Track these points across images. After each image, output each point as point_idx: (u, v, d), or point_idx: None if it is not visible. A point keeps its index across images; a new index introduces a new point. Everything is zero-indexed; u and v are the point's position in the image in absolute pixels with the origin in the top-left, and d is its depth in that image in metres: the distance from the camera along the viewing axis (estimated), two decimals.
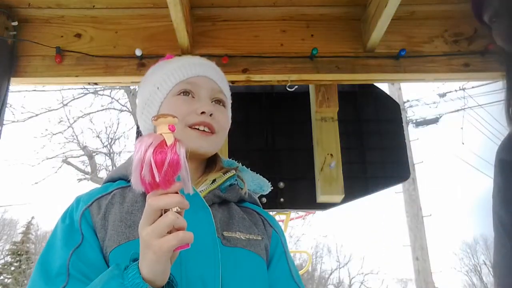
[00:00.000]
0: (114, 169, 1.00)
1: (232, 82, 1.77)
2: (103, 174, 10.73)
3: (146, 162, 0.59)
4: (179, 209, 0.63)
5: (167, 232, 0.62)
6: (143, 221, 0.64)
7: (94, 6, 1.79)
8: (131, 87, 9.50)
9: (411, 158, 9.83)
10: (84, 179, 10.90)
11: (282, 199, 2.08)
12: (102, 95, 10.12)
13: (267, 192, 1.09)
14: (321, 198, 1.94)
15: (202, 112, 0.91)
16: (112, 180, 0.95)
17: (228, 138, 1.08)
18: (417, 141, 11.60)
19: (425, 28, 1.84)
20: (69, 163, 10.86)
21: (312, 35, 1.83)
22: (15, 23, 1.76)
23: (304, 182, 2.07)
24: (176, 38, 1.69)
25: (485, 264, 28.44)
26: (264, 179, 1.08)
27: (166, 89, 0.96)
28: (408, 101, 10.97)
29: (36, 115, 9.64)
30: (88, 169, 11.12)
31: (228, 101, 1.04)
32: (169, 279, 0.68)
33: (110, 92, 10.08)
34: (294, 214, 6.88)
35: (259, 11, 1.82)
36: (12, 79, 1.71)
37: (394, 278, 31.04)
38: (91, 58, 1.75)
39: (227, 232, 0.85)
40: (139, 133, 1.75)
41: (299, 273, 0.94)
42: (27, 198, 30.53)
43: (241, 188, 0.97)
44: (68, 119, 10.38)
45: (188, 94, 0.95)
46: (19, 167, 28.85)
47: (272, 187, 1.10)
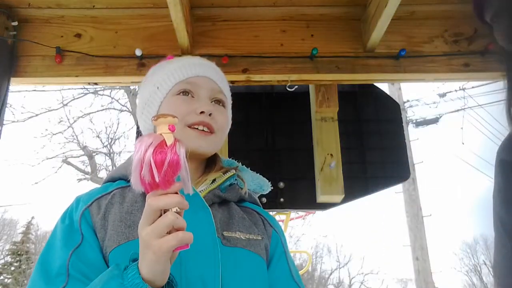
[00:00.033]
0: (114, 169, 1.00)
1: (232, 82, 1.77)
2: (103, 174, 10.73)
3: (145, 162, 0.59)
4: (178, 209, 0.63)
5: (167, 232, 0.62)
6: (143, 221, 0.64)
7: (94, 6, 1.79)
8: (131, 87, 9.52)
9: (411, 158, 9.83)
10: (84, 179, 10.90)
11: (282, 199, 2.08)
12: (102, 95, 10.13)
13: (267, 192, 1.09)
14: (321, 198, 1.95)
15: (202, 112, 0.91)
16: (112, 180, 0.95)
17: (228, 138, 1.08)
18: (417, 141, 11.61)
19: (425, 28, 1.84)
20: (69, 163, 10.87)
21: (312, 35, 1.83)
22: (15, 23, 1.76)
23: (304, 182, 2.07)
24: (176, 38, 1.69)
25: (485, 264, 28.44)
26: (264, 178, 1.08)
27: (166, 89, 0.96)
28: (408, 101, 10.97)
29: (36, 115, 9.65)
30: (88, 169, 11.13)
31: (228, 101, 1.04)
32: (169, 279, 0.68)
33: (110, 92, 10.10)
34: (294, 214, 6.88)
35: (259, 11, 1.82)
36: (12, 79, 1.71)
37: (394, 278, 31.07)
38: (91, 58, 1.75)
39: (227, 232, 0.85)
40: (139, 133, 1.75)
41: (299, 273, 0.94)
42: (27, 198, 30.59)
43: (241, 187, 0.97)
44: (68, 119, 10.40)
45: (188, 94, 0.95)
46: (19, 167, 28.90)
47: (272, 187, 1.10)
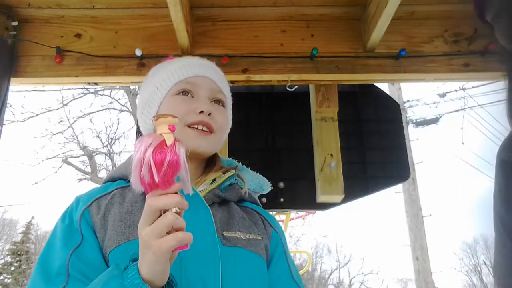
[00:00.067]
0: (114, 169, 1.00)
1: (232, 82, 1.77)
2: (103, 174, 10.73)
3: (145, 162, 0.59)
4: (178, 209, 0.63)
5: (167, 233, 0.62)
6: (142, 221, 0.64)
7: (94, 6, 1.79)
8: (131, 87, 9.52)
9: (411, 158, 9.83)
10: (84, 179, 10.90)
11: (282, 199, 2.08)
12: (102, 95, 10.13)
13: (267, 192, 1.09)
14: (321, 198, 1.95)
15: (201, 112, 0.91)
16: (111, 180, 0.95)
17: (228, 138, 1.08)
18: (417, 141, 11.61)
19: (425, 28, 1.84)
20: (69, 163, 10.86)
21: (312, 35, 1.83)
22: (15, 23, 1.76)
23: (304, 182, 2.07)
24: (176, 38, 1.69)
25: (485, 264, 28.43)
26: (264, 178, 1.08)
27: (166, 88, 0.96)
28: (408, 101, 10.97)
29: (36, 115, 9.64)
30: (88, 169, 11.13)
31: (228, 101, 1.04)
32: (168, 279, 0.68)
33: (110, 92, 10.09)
34: (294, 214, 6.88)
35: (259, 11, 1.82)
36: (12, 79, 1.71)
37: (394, 278, 31.07)
38: (91, 58, 1.75)
39: (227, 232, 0.85)
40: (139, 133, 1.74)
41: (299, 273, 0.94)
42: (27, 198, 30.59)
43: (241, 187, 0.97)
44: (68, 119, 10.40)
45: (187, 93, 0.95)
46: (19, 167, 28.89)
47: (272, 187, 1.10)
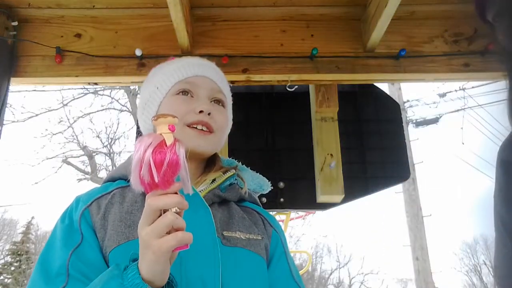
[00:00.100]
0: (114, 169, 1.00)
1: (232, 82, 1.77)
2: (103, 174, 10.73)
3: (145, 162, 0.59)
4: (178, 209, 0.63)
5: (167, 233, 0.62)
6: (142, 221, 0.64)
7: (94, 6, 1.78)
8: (131, 87, 9.52)
9: (411, 158, 9.83)
10: (84, 179, 10.90)
11: (282, 199, 2.08)
12: (102, 95, 10.13)
13: (267, 192, 1.09)
14: (321, 198, 1.94)
15: (200, 111, 0.91)
16: (111, 179, 0.95)
17: (228, 138, 1.08)
18: (417, 141, 11.62)
19: (425, 28, 1.83)
20: (69, 163, 10.86)
21: (312, 35, 1.83)
22: (15, 23, 1.76)
23: (304, 182, 2.07)
24: (176, 38, 1.68)
25: (485, 264, 28.43)
26: (264, 178, 1.08)
27: (166, 88, 0.96)
28: (408, 101, 10.97)
29: (36, 115, 9.65)
30: (88, 169, 11.13)
31: (228, 101, 1.04)
32: (169, 279, 0.68)
33: (110, 92, 10.10)
34: (294, 214, 6.88)
35: (259, 11, 1.82)
36: (12, 79, 1.71)
37: (394, 278, 31.07)
38: (91, 58, 1.75)
39: (227, 232, 0.85)
40: (139, 133, 1.74)
41: (299, 273, 0.94)
42: (27, 198, 30.55)
43: (241, 187, 0.97)
44: (68, 119, 10.40)
45: (187, 93, 0.95)
46: (19, 167, 28.88)
47: (272, 187, 1.10)
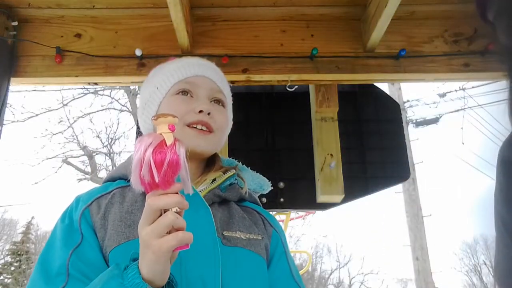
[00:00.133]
0: (114, 168, 1.00)
1: (232, 82, 1.77)
2: (103, 174, 10.73)
3: (145, 162, 0.59)
4: (178, 209, 0.63)
5: (167, 232, 0.62)
6: (143, 221, 0.64)
7: (94, 6, 1.78)
8: (131, 87, 9.52)
9: (411, 158, 9.83)
10: (84, 179, 10.90)
11: (282, 199, 2.08)
12: (102, 95, 10.13)
13: (267, 192, 1.09)
14: (321, 198, 1.94)
15: (200, 111, 0.91)
16: (111, 179, 0.95)
17: (228, 138, 1.08)
18: (417, 141, 11.62)
19: (425, 28, 1.83)
20: (69, 163, 10.86)
21: (312, 35, 1.83)
22: (15, 23, 1.76)
23: (304, 182, 2.07)
24: (176, 38, 1.68)
25: (485, 264, 28.43)
26: (264, 178, 1.08)
27: (165, 88, 0.96)
28: (408, 101, 10.97)
29: (36, 115, 9.65)
30: (88, 169, 11.13)
31: (228, 101, 1.04)
32: (169, 279, 0.68)
33: (110, 92, 10.10)
34: (294, 214, 6.88)
35: (259, 11, 1.82)
36: (12, 79, 1.71)
37: (394, 278, 31.07)
38: (91, 58, 1.75)
39: (227, 232, 0.85)
40: (139, 133, 1.74)
41: (299, 273, 0.94)
42: (27, 198, 30.56)
43: (241, 187, 0.97)
44: (68, 119, 10.40)
45: (187, 93, 0.95)
46: (19, 167, 28.89)
47: (272, 187, 1.10)
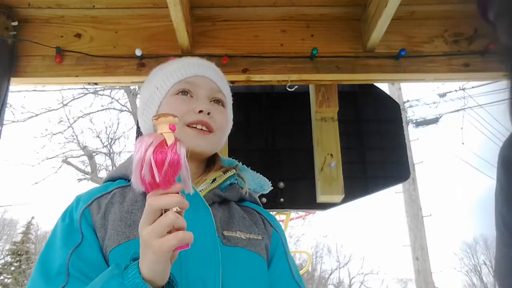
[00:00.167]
0: (114, 168, 1.00)
1: (232, 82, 1.77)
2: (103, 174, 10.73)
3: (146, 161, 0.59)
4: (179, 209, 0.63)
5: (167, 232, 0.62)
6: (143, 220, 0.64)
7: (94, 6, 1.79)
8: (131, 87, 9.51)
9: (411, 158, 9.83)
10: (84, 179, 10.90)
11: (282, 199, 2.08)
12: (102, 95, 10.13)
13: (268, 192, 1.09)
14: (321, 198, 1.94)
15: (200, 111, 0.91)
16: (112, 179, 0.95)
17: (228, 138, 1.08)
18: (417, 141, 11.62)
19: (425, 28, 1.84)
20: (69, 163, 10.86)
21: (312, 35, 1.83)
22: (15, 23, 1.76)
23: (304, 182, 2.07)
24: (176, 38, 1.69)
25: (485, 264, 28.43)
26: (265, 178, 1.08)
27: (165, 89, 0.96)
28: (408, 101, 10.97)
29: (36, 115, 9.64)
30: (88, 169, 11.12)
31: (228, 101, 1.04)
32: (169, 279, 0.68)
33: (110, 92, 10.09)
34: (294, 214, 6.88)
35: (259, 11, 1.82)
36: (12, 79, 1.71)
37: (394, 278, 31.08)
38: (91, 58, 1.75)
39: (228, 232, 0.85)
40: (139, 133, 1.74)
41: (299, 273, 0.94)
42: (27, 198, 30.56)
43: (241, 187, 0.97)
44: (68, 119, 10.40)
45: (187, 93, 0.95)
46: (19, 167, 28.90)
47: (272, 187, 1.10)
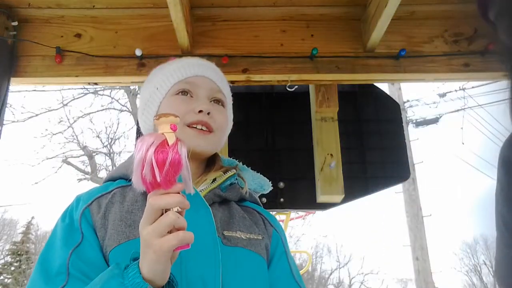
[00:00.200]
0: (114, 168, 1.00)
1: (232, 82, 1.77)
2: (103, 174, 10.73)
3: (147, 161, 0.59)
4: (179, 209, 0.63)
5: (168, 232, 0.62)
6: (144, 220, 0.64)
7: (94, 6, 1.79)
8: (131, 87, 9.51)
9: (411, 158, 9.84)
10: (84, 179, 10.89)
11: (282, 199, 2.08)
12: (102, 95, 10.13)
13: (268, 192, 1.09)
14: (321, 198, 1.95)
15: (200, 111, 0.91)
16: (112, 179, 0.95)
17: (228, 138, 1.08)
18: (417, 141, 11.63)
19: (425, 28, 1.84)
20: (69, 163, 10.86)
21: (312, 35, 1.83)
22: (15, 23, 1.76)
23: (304, 182, 2.07)
24: (176, 38, 1.69)
25: (485, 264, 28.44)
26: (265, 178, 1.08)
27: (165, 89, 0.96)
28: (408, 101, 10.98)
29: (36, 115, 9.64)
30: (88, 169, 11.12)
31: (228, 101, 1.04)
32: (169, 279, 0.68)
33: (110, 92, 10.09)
34: (294, 214, 6.88)
35: (259, 11, 1.82)
36: (12, 79, 1.71)
37: (394, 278, 31.09)
38: (91, 58, 1.75)
39: (228, 232, 0.85)
40: (139, 133, 1.74)
41: (299, 273, 0.94)
42: (27, 198, 30.55)
43: (241, 187, 0.97)
44: (68, 119, 10.40)
45: (187, 93, 0.95)
46: (19, 167, 28.90)
47: (272, 187, 1.10)
